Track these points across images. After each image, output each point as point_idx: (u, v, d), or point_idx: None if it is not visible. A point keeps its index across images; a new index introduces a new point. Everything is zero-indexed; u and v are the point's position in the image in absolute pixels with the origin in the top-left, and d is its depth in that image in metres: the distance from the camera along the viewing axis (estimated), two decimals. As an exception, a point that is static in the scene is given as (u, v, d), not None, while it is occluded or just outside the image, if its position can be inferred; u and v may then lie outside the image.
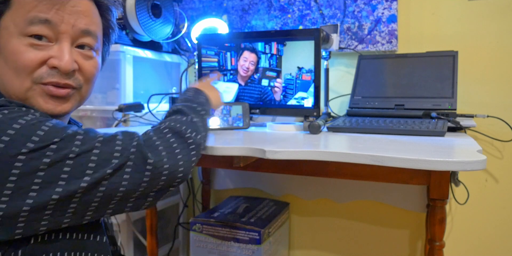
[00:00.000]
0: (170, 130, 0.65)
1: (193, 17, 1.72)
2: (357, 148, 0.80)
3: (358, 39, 1.47)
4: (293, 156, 0.80)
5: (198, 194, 1.80)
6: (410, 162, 0.70)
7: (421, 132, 1.03)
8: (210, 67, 1.33)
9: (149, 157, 0.58)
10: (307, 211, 1.63)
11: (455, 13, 1.38)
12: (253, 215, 1.41)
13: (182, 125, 0.66)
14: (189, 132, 0.66)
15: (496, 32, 1.34)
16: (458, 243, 1.44)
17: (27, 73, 0.58)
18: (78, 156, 0.53)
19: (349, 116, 1.26)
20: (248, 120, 1.22)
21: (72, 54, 0.61)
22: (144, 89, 1.55)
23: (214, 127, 1.20)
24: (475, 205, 1.41)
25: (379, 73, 1.32)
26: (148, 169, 0.57)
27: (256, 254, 1.29)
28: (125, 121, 1.37)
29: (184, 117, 0.69)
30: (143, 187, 0.58)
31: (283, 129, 1.19)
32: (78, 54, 0.63)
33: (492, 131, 1.36)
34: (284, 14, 1.57)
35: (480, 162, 0.68)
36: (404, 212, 1.49)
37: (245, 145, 0.86)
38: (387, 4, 1.42)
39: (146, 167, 0.57)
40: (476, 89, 1.37)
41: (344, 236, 1.59)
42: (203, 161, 1.13)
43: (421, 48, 1.40)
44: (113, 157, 0.55)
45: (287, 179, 1.62)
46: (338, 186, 1.54)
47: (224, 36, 1.31)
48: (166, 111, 1.40)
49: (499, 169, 1.38)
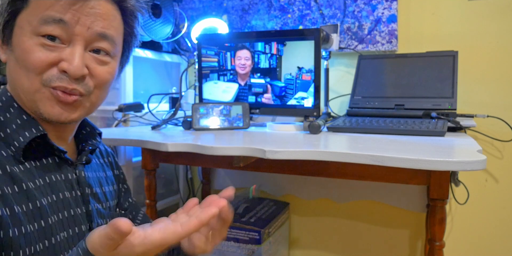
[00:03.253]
0: None
1: (193, 17, 1.72)
2: (357, 148, 0.80)
3: (358, 39, 1.47)
4: (293, 156, 0.80)
5: (198, 194, 1.79)
6: (410, 162, 0.70)
7: (421, 132, 1.03)
8: (210, 67, 1.33)
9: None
10: (307, 211, 1.63)
11: (455, 13, 1.38)
12: (253, 215, 1.41)
13: None
14: None
15: (496, 32, 1.34)
16: (458, 243, 1.44)
17: (36, 73, 0.56)
18: None
19: (349, 116, 1.26)
20: (248, 120, 1.22)
21: (83, 58, 0.58)
22: (144, 89, 1.55)
23: (214, 127, 1.20)
24: (475, 205, 1.41)
25: (379, 73, 1.32)
26: None
27: (256, 254, 1.29)
28: (125, 121, 1.37)
29: None
30: None
31: (283, 129, 1.19)
32: (92, 59, 0.59)
33: (492, 131, 1.36)
34: (284, 14, 1.57)
35: (480, 162, 0.68)
36: (404, 212, 1.49)
37: (245, 145, 0.86)
38: (387, 4, 1.42)
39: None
40: (476, 89, 1.37)
41: (344, 236, 1.59)
42: (203, 161, 1.13)
43: (421, 48, 1.40)
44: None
45: (287, 179, 1.62)
46: (338, 186, 1.54)
47: (224, 36, 1.31)
48: (167, 111, 1.40)
49: (499, 169, 1.38)
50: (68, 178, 0.62)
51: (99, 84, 0.61)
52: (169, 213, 0.55)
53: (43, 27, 0.55)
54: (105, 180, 0.73)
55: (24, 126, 0.57)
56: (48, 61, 0.56)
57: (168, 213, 0.56)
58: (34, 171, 0.57)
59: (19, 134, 0.56)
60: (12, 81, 0.59)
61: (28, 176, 0.56)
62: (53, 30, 0.55)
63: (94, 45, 0.59)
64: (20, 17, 0.57)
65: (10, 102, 0.59)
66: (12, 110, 0.58)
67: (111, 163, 0.78)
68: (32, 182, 0.56)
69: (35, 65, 0.55)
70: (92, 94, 0.61)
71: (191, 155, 0.95)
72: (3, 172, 0.53)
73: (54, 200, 0.58)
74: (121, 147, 1.39)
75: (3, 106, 0.58)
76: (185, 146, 0.92)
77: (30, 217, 0.53)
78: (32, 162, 0.57)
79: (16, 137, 0.56)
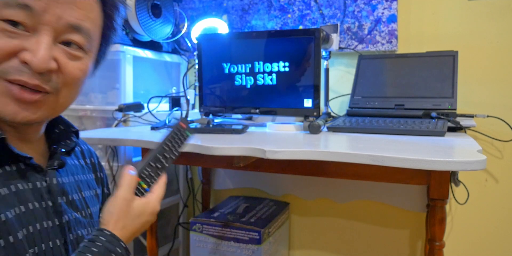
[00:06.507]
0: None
1: (193, 17, 1.72)
2: (357, 148, 0.80)
3: (358, 39, 1.47)
4: (293, 156, 0.80)
5: (198, 194, 1.79)
6: (410, 162, 0.70)
7: (421, 132, 1.03)
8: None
9: None
10: (307, 211, 1.63)
11: (455, 13, 1.38)
12: (253, 215, 1.41)
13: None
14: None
15: (496, 32, 1.34)
16: (458, 243, 1.44)
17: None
18: None
19: (349, 116, 1.26)
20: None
21: (51, 50, 0.49)
22: (144, 89, 1.55)
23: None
24: (475, 205, 1.41)
25: (379, 73, 1.32)
26: None
27: (256, 254, 1.29)
28: (125, 121, 1.37)
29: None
30: None
31: (283, 129, 1.19)
32: (62, 52, 0.50)
33: (492, 131, 1.36)
34: (284, 14, 1.57)
35: (480, 162, 0.68)
36: (404, 212, 1.49)
37: (245, 145, 0.86)
38: (387, 4, 1.42)
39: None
40: (476, 89, 1.37)
41: (344, 236, 1.59)
42: (203, 161, 1.13)
43: (421, 48, 1.40)
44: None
45: (287, 179, 1.62)
46: (338, 186, 1.54)
47: (224, 36, 1.31)
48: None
49: (499, 169, 1.38)
50: (36, 187, 0.53)
51: (68, 82, 0.52)
52: (169, 213, 0.55)
53: (4, 11, 0.46)
54: (86, 184, 0.65)
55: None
56: (7, 49, 0.47)
57: (168, 213, 0.56)
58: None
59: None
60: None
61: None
62: (15, 15, 0.46)
63: (65, 37, 0.50)
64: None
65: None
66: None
67: (94, 165, 0.70)
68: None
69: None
70: (60, 93, 0.52)
71: (191, 155, 0.95)
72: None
73: (23, 211, 0.50)
74: (121, 147, 1.39)
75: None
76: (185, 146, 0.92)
77: (1, 230, 0.46)
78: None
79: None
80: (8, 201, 0.48)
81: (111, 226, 0.53)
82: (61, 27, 0.49)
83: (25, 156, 0.52)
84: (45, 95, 0.50)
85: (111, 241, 0.52)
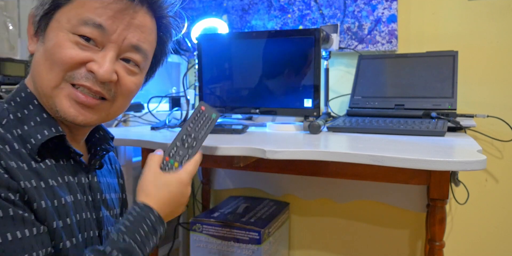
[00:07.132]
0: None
1: (193, 17, 1.72)
2: (357, 148, 0.80)
3: (358, 39, 1.47)
4: (293, 156, 0.80)
5: (198, 194, 1.79)
6: (410, 162, 0.70)
7: (421, 132, 1.03)
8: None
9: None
10: (307, 211, 1.63)
11: (455, 13, 1.38)
12: (253, 215, 1.41)
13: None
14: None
15: (496, 32, 1.34)
16: (458, 243, 1.44)
17: (61, 69, 0.54)
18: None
19: (349, 116, 1.26)
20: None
21: (114, 64, 0.57)
22: (144, 88, 1.55)
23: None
24: (475, 205, 1.41)
25: (379, 73, 1.32)
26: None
27: (256, 254, 1.29)
28: (125, 121, 1.37)
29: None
30: None
31: (283, 129, 1.19)
32: (122, 67, 0.59)
33: (492, 131, 1.36)
34: (284, 14, 1.57)
35: (480, 162, 0.68)
36: (404, 212, 1.49)
37: (245, 145, 0.86)
38: (387, 4, 1.42)
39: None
40: (476, 89, 1.37)
41: (344, 236, 1.59)
42: (203, 161, 1.12)
43: (421, 48, 1.40)
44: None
45: (287, 179, 1.62)
46: (338, 186, 1.54)
47: (224, 36, 1.31)
48: (167, 111, 1.39)
49: (499, 169, 1.38)
50: (81, 181, 0.60)
51: (123, 93, 0.60)
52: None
53: (82, 28, 0.54)
54: (113, 187, 0.71)
55: (43, 124, 0.55)
56: (79, 59, 0.54)
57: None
58: (54, 169, 0.55)
59: (37, 131, 0.54)
60: (34, 75, 0.57)
61: (49, 174, 0.54)
62: (90, 33, 0.55)
63: (126, 55, 0.59)
64: (60, 11, 0.56)
65: (30, 99, 0.57)
66: (31, 108, 0.56)
67: (117, 171, 0.77)
68: (55, 180, 0.54)
69: (63, 61, 0.54)
70: (115, 101, 0.60)
71: (191, 155, 0.95)
72: (28, 168, 0.51)
73: (72, 200, 0.56)
74: (121, 147, 1.39)
75: (22, 103, 0.56)
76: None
77: (61, 212, 0.53)
78: (48, 161, 0.55)
79: (34, 134, 0.54)
80: (64, 189, 0.56)
81: (139, 198, 0.62)
82: (124, 46, 0.58)
83: (78, 153, 0.59)
84: (103, 102, 0.58)
85: (140, 207, 0.59)
